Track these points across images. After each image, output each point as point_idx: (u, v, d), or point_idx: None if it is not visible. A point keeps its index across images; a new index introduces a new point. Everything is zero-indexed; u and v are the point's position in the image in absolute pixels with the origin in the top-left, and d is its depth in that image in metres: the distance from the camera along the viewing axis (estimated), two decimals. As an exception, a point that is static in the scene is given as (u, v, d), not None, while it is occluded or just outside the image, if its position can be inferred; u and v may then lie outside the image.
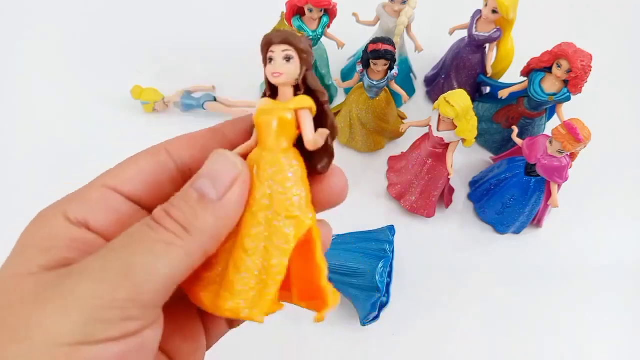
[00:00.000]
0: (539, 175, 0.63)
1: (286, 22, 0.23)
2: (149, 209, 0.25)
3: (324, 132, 0.26)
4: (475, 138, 0.61)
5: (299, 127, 0.27)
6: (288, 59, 0.26)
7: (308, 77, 0.27)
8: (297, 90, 0.27)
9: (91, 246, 0.23)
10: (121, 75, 0.82)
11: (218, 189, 0.24)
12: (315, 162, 0.27)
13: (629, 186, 0.76)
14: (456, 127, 0.59)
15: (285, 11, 0.69)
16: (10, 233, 0.71)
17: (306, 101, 0.27)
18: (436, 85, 0.81)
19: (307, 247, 0.27)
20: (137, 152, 0.27)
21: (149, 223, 0.23)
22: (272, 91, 0.28)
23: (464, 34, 0.75)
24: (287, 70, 0.26)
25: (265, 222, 0.25)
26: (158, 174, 0.26)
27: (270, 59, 0.27)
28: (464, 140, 0.60)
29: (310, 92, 0.27)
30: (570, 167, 0.62)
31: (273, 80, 0.26)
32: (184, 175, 0.27)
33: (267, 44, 0.27)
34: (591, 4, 1.01)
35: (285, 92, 0.27)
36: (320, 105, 0.27)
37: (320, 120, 0.27)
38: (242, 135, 0.28)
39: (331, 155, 0.27)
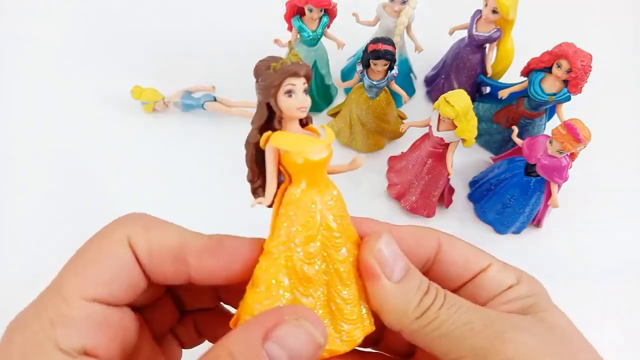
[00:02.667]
0: (538, 175, 0.63)
1: (296, 52, 0.23)
2: (131, 304, 0.26)
3: (358, 160, 0.29)
4: (475, 138, 0.61)
5: None
6: (306, 92, 0.26)
7: None
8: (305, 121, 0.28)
9: None
10: (121, 75, 0.82)
11: None
12: None
13: (629, 186, 0.76)
14: (456, 127, 0.59)
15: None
16: (10, 232, 0.71)
17: (330, 130, 0.29)
18: (436, 85, 0.81)
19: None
20: (98, 238, 0.25)
21: None
22: (269, 121, 0.27)
23: (464, 34, 0.75)
24: (309, 103, 0.27)
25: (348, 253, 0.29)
26: (130, 271, 0.25)
27: (290, 92, 0.26)
28: (464, 140, 0.60)
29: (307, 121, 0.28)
30: (570, 167, 0.62)
31: (298, 115, 0.26)
32: (140, 264, 0.26)
33: (287, 75, 0.25)
34: (591, 4, 1.01)
35: (294, 124, 0.27)
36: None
37: None
38: (203, 271, 0.27)
39: None
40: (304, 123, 0.28)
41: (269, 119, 0.27)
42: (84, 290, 0.23)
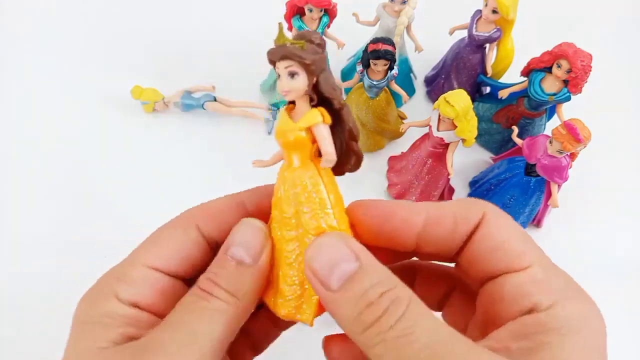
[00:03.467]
0: (538, 175, 0.63)
1: (285, 34, 0.22)
2: (183, 278, 0.28)
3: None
4: (475, 138, 0.61)
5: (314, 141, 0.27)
6: (292, 74, 0.26)
7: (320, 84, 0.26)
8: (312, 99, 0.27)
9: (146, 322, 0.26)
10: (121, 75, 0.82)
11: (252, 255, 0.27)
12: (343, 163, 0.29)
13: (629, 186, 0.76)
14: (456, 127, 0.59)
15: (282, 23, 0.69)
16: (10, 231, 0.71)
17: (314, 117, 0.26)
18: (436, 85, 0.81)
19: None
20: (170, 225, 0.29)
21: (200, 294, 0.25)
22: (292, 101, 0.28)
23: (464, 34, 0.75)
24: (292, 87, 0.26)
25: (298, 239, 0.27)
26: (192, 249, 0.28)
27: (279, 75, 0.26)
28: (464, 140, 0.60)
29: (324, 99, 0.27)
30: (570, 167, 0.62)
31: (284, 98, 0.27)
32: (211, 247, 0.29)
33: (271, 62, 0.26)
34: (591, 4, 1.01)
35: (300, 104, 0.27)
36: (336, 112, 0.27)
37: (339, 126, 0.27)
38: (261, 206, 0.30)
39: (358, 155, 0.29)
40: (314, 104, 0.27)
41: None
42: (147, 260, 0.27)
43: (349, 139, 0.28)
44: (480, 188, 0.71)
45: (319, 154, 0.27)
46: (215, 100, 0.77)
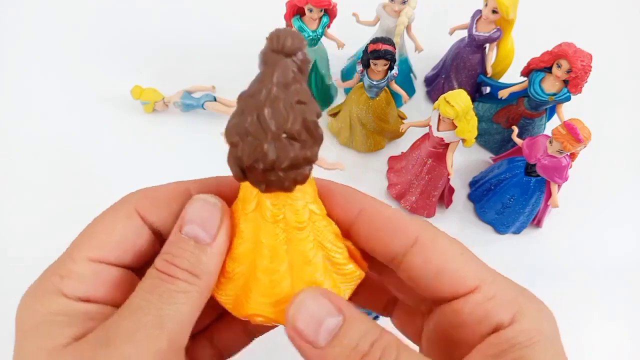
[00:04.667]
0: (539, 175, 0.63)
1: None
2: (131, 267, 0.27)
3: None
4: (475, 138, 0.61)
5: None
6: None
7: None
8: None
9: (102, 313, 0.25)
10: (121, 75, 0.82)
11: (210, 232, 0.25)
12: None
13: (629, 186, 0.76)
14: (456, 127, 0.59)
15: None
16: (10, 231, 0.71)
17: None
18: (436, 85, 0.81)
19: None
20: (108, 212, 0.28)
21: (160, 276, 0.24)
22: None
23: (464, 34, 0.75)
24: None
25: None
26: (136, 238, 0.27)
27: None
28: (464, 140, 0.60)
29: None
30: (570, 167, 0.62)
31: None
32: (155, 235, 0.28)
33: None
34: (591, 4, 1.01)
35: None
36: None
37: None
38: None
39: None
40: None
41: None
42: (90, 252, 0.26)
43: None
44: (480, 188, 0.71)
45: None
46: (215, 100, 0.77)
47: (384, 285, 0.32)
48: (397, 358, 0.22)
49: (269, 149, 0.21)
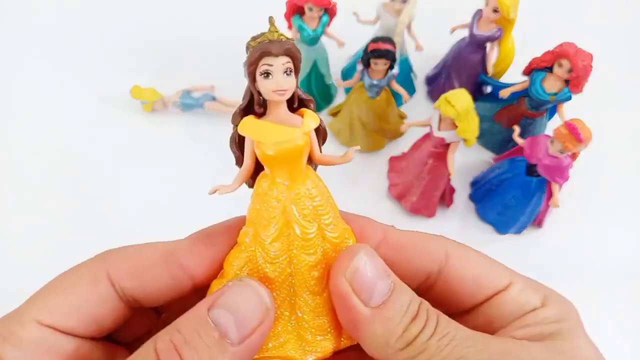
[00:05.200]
0: (540, 176, 0.63)
1: (276, 28, 0.21)
2: (90, 337, 0.24)
3: (351, 152, 0.25)
4: (477, 138, 0.61)
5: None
6: (289, 72, 0.23)
7: (298, 85, 0.25)
8: (290, 102, 0.25)
9: None
10: (120, 75, 0.81)
11: (241, 331, 0.21)
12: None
13: (629, 186, 0.76)
14: (457, 126, 0.59)
15: (273, 16, 0.69)
16: (9, 229, 0.71)
17: (315, 120, 0.24)
18: (437, 84, 0.81)
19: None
20: (74, 270, 0.24)
21: None
22: (262, 106, 0.25)
23: (464, 33, 0.74)
24: (290, 85, 0.23)
25: (323, 260, 0.25)
26: (99, 306, 0.23)
27: (267, 73, 0.23)
28: (465, 140, 0.60)
29: (300, 101, 0.25)
30: (571, 167, 0.62)
31: (275, 98, 0.23)
32: (127, 304, 0.25)
33: (261, 55, 0.23)
34: (591, 4, 1.01)
35: (280, 107, 0.24)
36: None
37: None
38: (202, 266, 0.25)
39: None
40: (294, 107, 0.25)
41: (250, 103, 0.25)
42: (40, 315, 0.22)
43: (323, 139, 0.26)
44: (481, 188, 0.71)
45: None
46: (214, 100, 0.77)
47: None
48: (438, 323, 0.23)
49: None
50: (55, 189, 0.70)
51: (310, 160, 0.26)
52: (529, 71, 0.67)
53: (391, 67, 0.65)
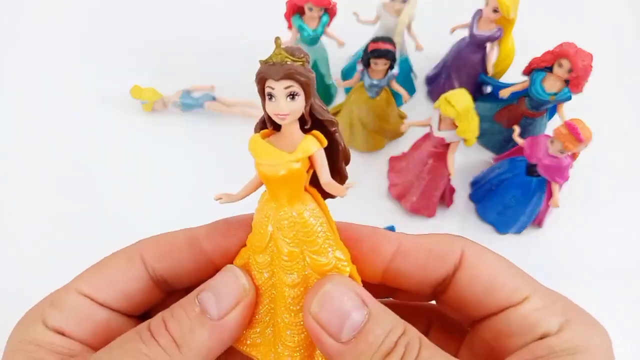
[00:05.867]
0: (540, 176, 0.63)
1: (283, 50, 0.22)
2: (123, 312, 0.26)
3: (347, 186, 0.25)
4: (477, 138, 0.61)
5: (311, 166, 0.24)
6: (293, 95, 0.23)
7: (313, 107, 0.24)
8: (302, 122, 0.24)
9: (77, 352, 0.24)
10: (120, 75, 0.81)
11: (220, 307, 0.24)
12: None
13: (630, 186, 0.76)
14: (457, 126, 0.59)
15: (279, 37, 0.69)
16: (9, 229, 0.71)
17: (313, 145, 0.24)
18: (437, 84, 0.81)
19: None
20: (116, 254, 0.27)
21: (142, 334, 0.23)
22: (274, 125, 0.25)
23: (465, 33, 0.74)
24: (292, 109, 0.23)
25: (303, 283, 0.25)
26: (132, 283, 0.26)
27: (270, 96, 0.23)
28: (465, 140, 0.60)
29: (317, 121, 0.25)
30: (571, 167, 0.62)
31: (278, 121, 0.23)
32: (158, 285, 0.27)
33: (263, 79, 0.23)
34: (591, 3, 1.01)
35: (291, 128, 0.24)
36: (330, 134, 0.25)
37: (331, 148, 0.25)
38: (218, 253, 0.27)
39: (343, 178, 0.26)
40: (307, 128, 0.25)
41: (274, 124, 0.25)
42: (81, 287, 0.25)
43: (342, 161, 0.26)
44: (481, 188, 0.71)
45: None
46: (214, 100, 0.77)
47: (419, 312, 0.31)
48: (420, 354, 0.21)
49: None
50: (55, 189, 0.70)
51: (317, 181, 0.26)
52: (529, 71, 0.67)
53: (391, 67, 0.65)
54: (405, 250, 0.26)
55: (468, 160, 0.76)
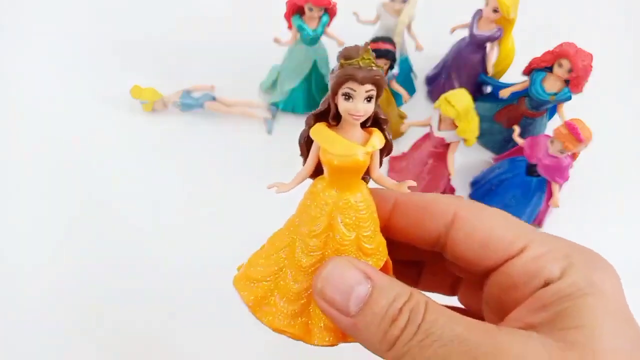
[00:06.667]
0: (540, 176, 0.63)
1: (369, 56, 0.25)
2: None
3: (408, 183, 0.26)
4: (476, 138, 0.61)
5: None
6: (370, 99, 0.25)
7: (378, 107, 0.26)
8: (367, 120, 0.26)
9: None
10: (120, 75, 0.81)
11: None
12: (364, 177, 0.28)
13: (630, 186, 0.76)
14: (457, 126, 0.59)
15: (369, 43, 0.69)
16: (9, 229, 0.70)
17: (380, 141, 0.26)
18: (437, 84, 0.81)
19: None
20: None
21: None
22: (336, 119, 0.26)
23: (465, 33, 0.74)
24: (367, 111, 0.25)
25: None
26: None
27: (349, 96, 0.24)
28: (465, 140, 0.60)
29: (376, 120, 0.27)
30: (571, 167, 0.62)
31: (350, 120, 0.25)
32: None
33: (347, 79, 0.24)
34: (591, 4, 1.01)
35: (353, 126, 0.26)
36: (382, 130, 0.27)
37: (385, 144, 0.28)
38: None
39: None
40: (366, 125, 0.27)
41: (326, 111, 0.26)
42: None
43: (387, 152, 0.28)
44: (481, 188, 0.71)
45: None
46: (214, 99, 0.77)
47: (446, 267, 0.31)
48: (424, 318, 0.22)
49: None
50: (54, 189, 0.70)
51: (367, 174, 0.27)
52: (529, 71, 0.67)
53: (391, 67, 0.65)
54: (401, 207, 0.27)
55: (468, 160, 0.76)
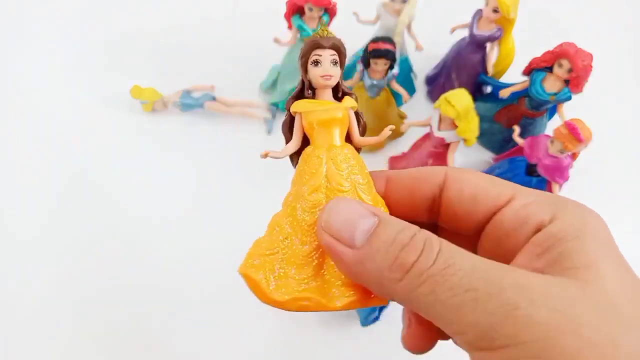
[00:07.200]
0: (540, 176, 0.63)
1: (326, 29, 0.29)
2: None
3: (386, 132, 0.30)
4: (477, 138, 0.61)
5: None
6: (335, 63, 0.28)
7: (341, 79, 0.29)
8: (335, 92, 0.29)
9: None
10: (121, 75, 0.81)
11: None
12: None
13: (630, 186, 0.76)
14: (457, 126, 0.59)
15: (326, 20, 0.69)
16: (9, 229, 0.71)
17: (352, 101, 0.29)
18: (437, 84, 0.81)
19: None
20: None
21: None
22: (311, 90, 0.29)
23: (465, 33, 0.74)
24: (335, 73, 0.28)
25: None
26: None
27: (317, 62, 0.28)
28: (465, 140, 0.60)
29: (344, 93, 0.29)
30: (571, 167, 0.62)
31: (323, 83, 0.28)
32: None
33: (313, 47, 0.28)
34: (591, 4, 1.01)
35: (326, 94, 0.28)
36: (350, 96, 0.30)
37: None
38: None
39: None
40: (339, 96, 0.29)
41: (301, 92, 0.29)
42: None
43: (362, 131, 0.30)
44: (481, 188, 0.71)
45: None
46: (214, 99, 0.77)
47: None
48: (441, 248, 0.21)
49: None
50: (54, 188, 0.70)
51: (349, 141, 0.29)
52: (529, 71, 0.67)
53: (391, 67, 0.65)
54: (393, 180, 0.28)
55: (468, 160, 0.76)
